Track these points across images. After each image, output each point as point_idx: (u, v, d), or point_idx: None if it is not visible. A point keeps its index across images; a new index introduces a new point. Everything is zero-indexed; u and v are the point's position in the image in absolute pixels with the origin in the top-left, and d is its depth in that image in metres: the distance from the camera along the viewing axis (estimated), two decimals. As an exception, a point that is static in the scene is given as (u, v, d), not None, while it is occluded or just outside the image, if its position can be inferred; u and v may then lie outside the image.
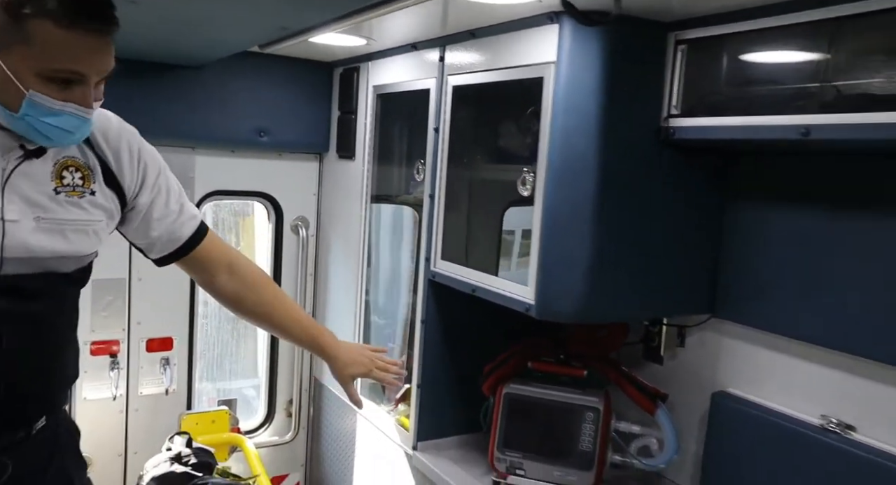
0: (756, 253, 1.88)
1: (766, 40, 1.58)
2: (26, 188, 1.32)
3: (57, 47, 1.19)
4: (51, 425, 1.48)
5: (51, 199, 1.35)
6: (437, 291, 2.31)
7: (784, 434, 1.79)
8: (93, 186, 1.43)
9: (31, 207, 1.33)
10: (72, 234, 1.39)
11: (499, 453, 2.11)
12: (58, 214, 1.36)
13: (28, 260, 1.34)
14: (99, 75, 1.27)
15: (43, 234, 1.34)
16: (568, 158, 1.71)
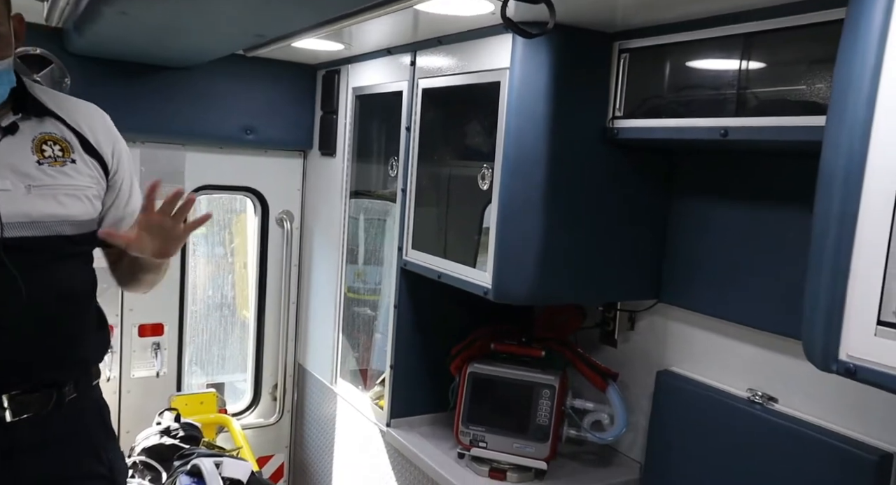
0: (694, 243, 2.07)
1: (695, 51, 1.76)
2: (11, 161, 1.45)
3: None
4: (80, 396, 1.57)
5: (37, 169, 1.47)
6: (408, 278, 2.48)
7: (717, 407, 1.97)
8: (73, 156, 1.54)
9: (21, 177, 1.45)
10: (64, 198, 1.51)
11: (463, 427, 2.29)
12: (45, 181, 1.48)
13: (28, 224, 1.45)
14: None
15: (37, 199, 1.46)
16: (520, 155, 1.89)
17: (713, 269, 2.01)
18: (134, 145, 3.03)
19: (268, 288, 3.46)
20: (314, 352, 3.39)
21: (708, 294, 2.03)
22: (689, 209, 2.08)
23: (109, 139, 1.64)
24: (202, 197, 3.31)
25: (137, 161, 3.04)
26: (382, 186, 2.78)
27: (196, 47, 2.43)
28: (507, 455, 2.21)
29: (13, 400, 1.44)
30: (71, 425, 1.55)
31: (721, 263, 1.99)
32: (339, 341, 3.09)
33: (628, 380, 2.29)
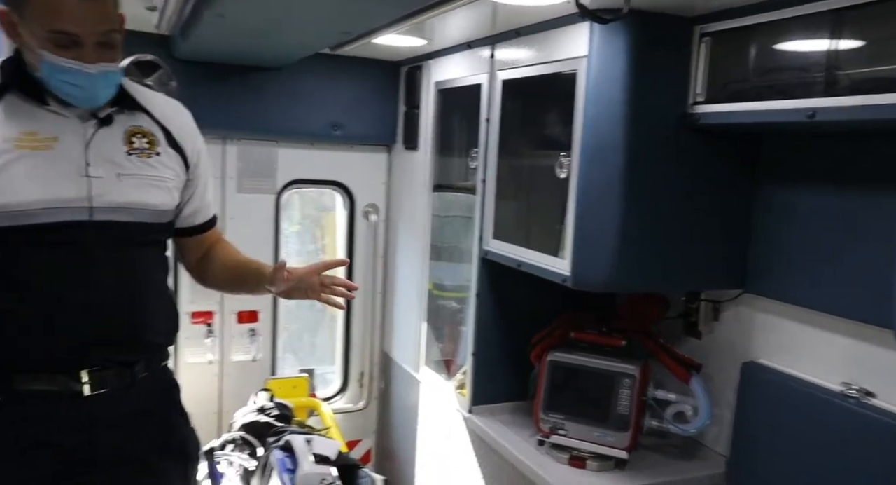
0: (781, 231, 2.00)
1: (781, 31, 1.71)
2: (105, 151, 1.55)
3: (48, 8, 1.39)
4: (151, 376, 1.65)
5: (126, 159, 1.58)
6: (489, 268, 2.53)
7: (808, 401, 1.90)
8: (158, 149, 1.64)
9: (112, 165, 1.55)
10: (148, 188, 1.61)
11: (543, 414, 2.31)
12: (133, 171, 1.58)
13: (116, 210, 1.55)
14: (94, 36, 1.43)
15: (125, 187, 1.57)
16: (597, 143, 1.89)
17: (802, 257, 1.94)
18: (231, 143, 3.24)
19: (355, 279, 3.59)
20: (399, 341, 3.49)
21: (797, 284, 1.96)
22: (776, 195, 2.01)
23: (191, 136, 1.72)
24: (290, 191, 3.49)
25: (234, 158, 3.24)
26: (464, 179, 2.83)
27: (286, 46, 2.58)
28: (586, 443, 2.22)
29: (92, 376, 1.53)
30: (142, 402, 1.63)
31: (811, 251, 1.91)
32: (424, 332, 3.17)
33: (712, 372, 2.24)
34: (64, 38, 1.41)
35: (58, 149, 1.50)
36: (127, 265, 1.59)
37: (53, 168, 1.50)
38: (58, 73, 1.44)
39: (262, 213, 3.33)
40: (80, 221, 1.51)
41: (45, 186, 1.48)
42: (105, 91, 1.52)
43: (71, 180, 1.51)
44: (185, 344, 3.23)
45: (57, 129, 1.51)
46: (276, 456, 2.16)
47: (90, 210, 1.53)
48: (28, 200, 1.46)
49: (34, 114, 1.50)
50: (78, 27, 1.42)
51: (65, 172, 1.51)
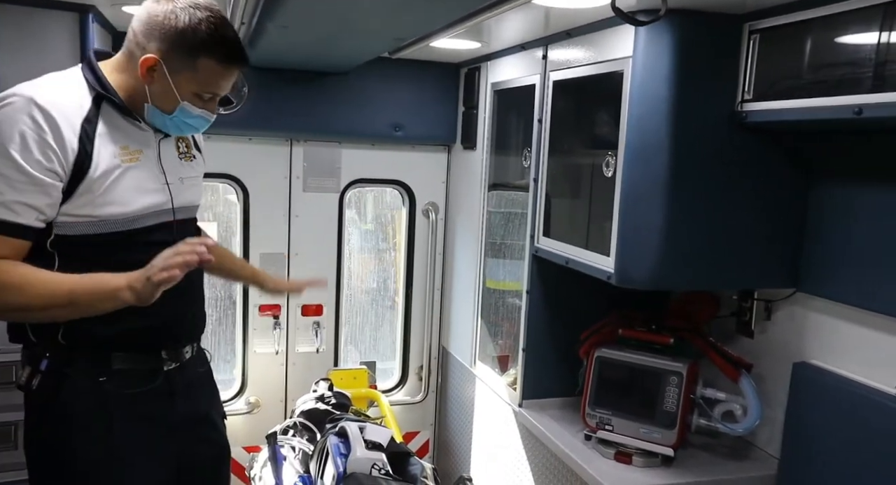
0: (836, 230, 1.96)
1: (831, 26, 1.69)
2: (169, 159, 1.80)
3: (213, 77, 1.68)
4: (200, 350, 1.96)
5: (180, 164, 1.84)
6: (540, 265, 2.57)
7: (861, 403, 1.86)
8: (193, 152, 1.91)
9: (176, 171, 1.81)
10: (194, 187, 1.89)
11: (590, 410, 2.34)
12: (187, 174, 1.85)
13: (184, 209, 1.83)
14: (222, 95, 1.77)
15: (187, 189, 1.84)
16: (643, 142, 1.92)
17: (858, 257, 1.90)
18: (297, 144, 3.41)
19: (414, 275, 3.71)
20: (456, 336, 3.58)
21: (851, 283, 1.92)
22: (830, 193, 1.98)
23: (202, 141, 2.00)
24: (356, 190, 3.63)
25: (300, 158, 3.41)
26: (519, 177, 2.89)
27: (344, 53, 2.70)
28: (633, 439, 2.23)
29: (169, 353, 1.80)
30: (199, 372, 1.94)
31: (867, 250, 1.87)
32: (479, 327, 3.24)
33: (764, 371, 2.22)
34: (209, 96, 1.71)
35: (143, 161, 1.71)
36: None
37: (146, 178, 1.71)
38: (188, 117, 1.71)
39: (326, 211, 3.49)
40: (168, 222, 1.77)
41: (145, 196, 1.70)
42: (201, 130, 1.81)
43: (158, 188, 1.75)
44: (253, 335, 3.43)
45: (140, 143, 1.72)
46: (332, 441, 2.27)
47: (173, 211, 1.79)
48: (135, 209, 1.67)
49: (124, 128, 1.69)
50: (223, 90, 1.73)
51: (153, 182, 1.74)
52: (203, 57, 1.63)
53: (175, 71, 1.64)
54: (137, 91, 1.69)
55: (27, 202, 1.53)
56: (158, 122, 1.72)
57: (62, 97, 1.60)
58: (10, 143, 1.51)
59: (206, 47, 1.63)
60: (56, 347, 1.66)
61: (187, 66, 1.64)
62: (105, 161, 1.62)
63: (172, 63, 1.64)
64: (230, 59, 1.67)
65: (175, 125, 1.73)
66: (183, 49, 1.63)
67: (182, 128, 1.75)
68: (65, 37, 2.40)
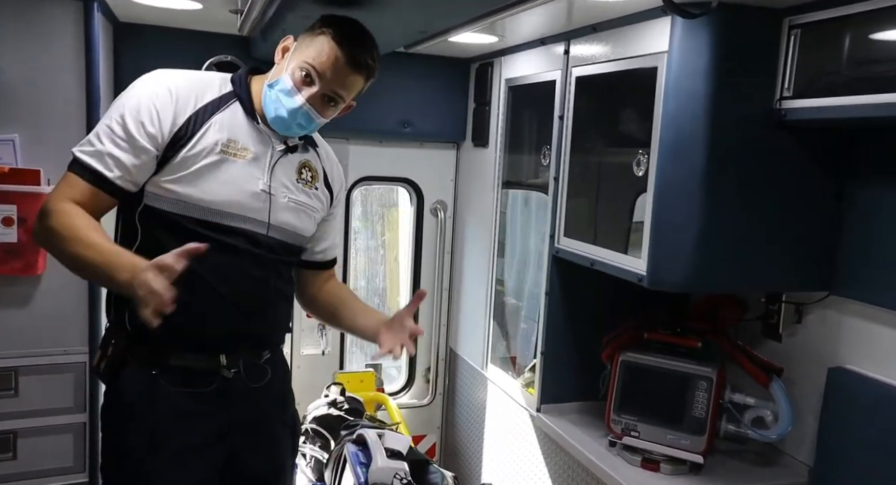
0: (874, 232, 1.91)
1: (876, 20, 1.63)
2: (282, 174, 1.75)
3: (319, 50, 1.64)
4: (273, 358, 1.87)
5: (294, 185, 1.79)
6: (560, 266, 2.51)
7: (900, 409, 1.81)
8: (317, 184, 1.86)
9: (284, 189, 1.76)
10: (302, 215, 1.82)
11: (615, 415, 2.28)
12: (298, 197, 1.80)
13: (281, 228, 1.76)
14: (329, 90, 1.67)
15: (290, 210, 1.78)
16: (678, 140, 1.85)
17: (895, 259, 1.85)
18: (305, 141, 3.31)
19: (422, 275, 3.63)
20: (465, 338, 3.51)
21: (889, 286, 1.87)
22: (868, 194, 1.93)
23: (339, 180, 1.97)
24: (358, 188, 3.54)
25: (308, 155, 3.31)
26: (534, 176, 2.82)
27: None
28: (660, 446, 2.17)
29: (229, 358, 1.73)
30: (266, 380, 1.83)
31: (909, 253, 1.82)
32: (490, 328, 3.17)
33: (794, 376, 2.16)
34: (307, 74, 1.65)
35: (250, 161, 1.70)
36: (274, 277, 1.78)
37: (244, 176, 1.69)
38: (282, 92, 1.66)
39: (332, 209, 3.39)
40: (259, 232, 1.72)
41: (235, 191, 1.67)
42: (298, 127, 1.71)
43: (255, 193, 1.70)
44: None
45: (253, 143, 1.71)
46: (350, 449, 2.20)
47: (268, 226, 1.74)
48: (218, 199, 1.65)
49: (243, 127, 1.71)
50: (323, 72, 1.64)
51: (251, 183, 1.70)
52: (323, 36, 1.64)
53: (298, 51, 1.67)
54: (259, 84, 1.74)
55: (118, 157, 1.58)
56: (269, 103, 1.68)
57: (192, 83, 1.68)
58: (128, 102, 1.62)
59: (329, 24, 1.65)
60: (123, 332, 1.69)
61: (306, 44, 1.66)
62: (206, 144, 1.64)
63: (301, 42, 1.68)
64: (345, 41, 1.63)
65: (272, 104, 1.68)
66: (314, 28, 1.67)
67: (274, 105, 1.67)
68: (68, 27, 2.29)
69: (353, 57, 1.65)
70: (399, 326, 1.83)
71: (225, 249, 1.66)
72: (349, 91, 1.71)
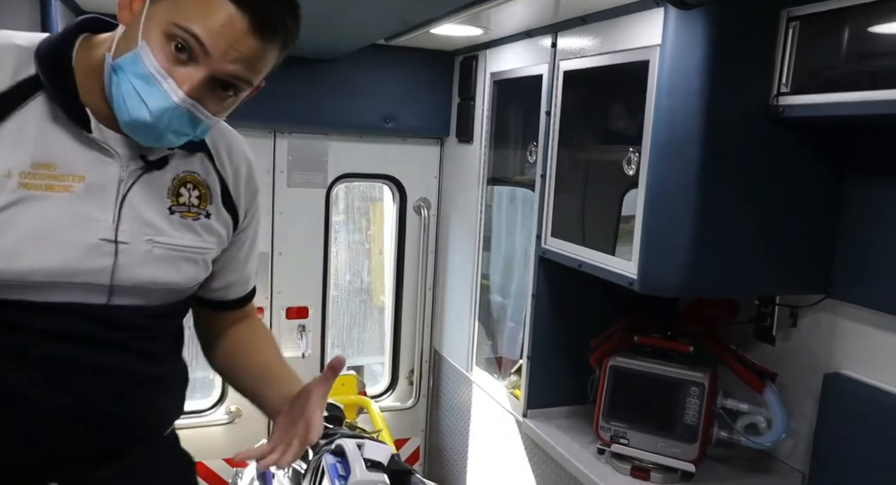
0: (873, 233, 1.84)
1: (878, 13, 1.55)
2: (141, 205, 1.13)
3: (209, 8, 1.00)
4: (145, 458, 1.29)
5: (165, 218, 1.16)
6: (547, 267, 2.42)
7: (898, 417, 1.75)
8: (209, 208, 1.22)
9: (144, 228, 1.13)
10: (183, 263, 1.19)
11: (604, 422, 2.20)
12: (171, 238, 1.16)
13: (135, 290, 1.15)
14: (224, 72, 1.04)
15: (153, 262, 1.14)
16: (671, 138, 1.77)
17: (894, 261, 1.78)
18: (282, 137, 3.19)
19: (405, 274, 3.53)
20: (450, 338, 3.42)
21: (888, 290, 1.80)
22: (866, 194, 1.86)
23: (251, 191, 1.33)
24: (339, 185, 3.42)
25: (284, 151, 3.20)
26: (520, 173, 2.73)
27: (345, 36, 2.51)
28: (650, 454, 2.10)
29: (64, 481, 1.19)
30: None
31: (905, 254, 1.76)
32: (475, 329, 3.08)
33: (788, 382, 2.10)
34: (181, 46, 1.01)
35: (81, 194, 1.07)
36: (133, 360, 1.20)
37: (70, 222, 1.07)
38: (135, 76, 1.01)
39: (311, 207, 3.28)
40: (93, 304, 1.11)
41: (54, 250, 1.06)
42: (174, 135, 1.09)
43: (92, 245, 1.09)
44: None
45: (87, 164, 1.08)
46: (328, 461, 2.09)
47: (109, 290, 1.12)
48: (25, 267, 1.04)
49: (61, 136, 1.06)
50: (215, 44, 1.01)
51: (85, 231, 1.08)
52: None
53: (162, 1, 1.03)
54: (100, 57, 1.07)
55: None
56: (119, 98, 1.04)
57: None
58: None
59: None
60: None
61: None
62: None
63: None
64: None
65: (124, 99, 1.03)
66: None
67: (127, 100, 1.03)
68: (23, 15, 2.15)
69: (262, 15, 1.02)
70: (298, 412, 1.23)
71: (42, 339, 1.09)
72: (256, 70, 1.07)
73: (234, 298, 1.42)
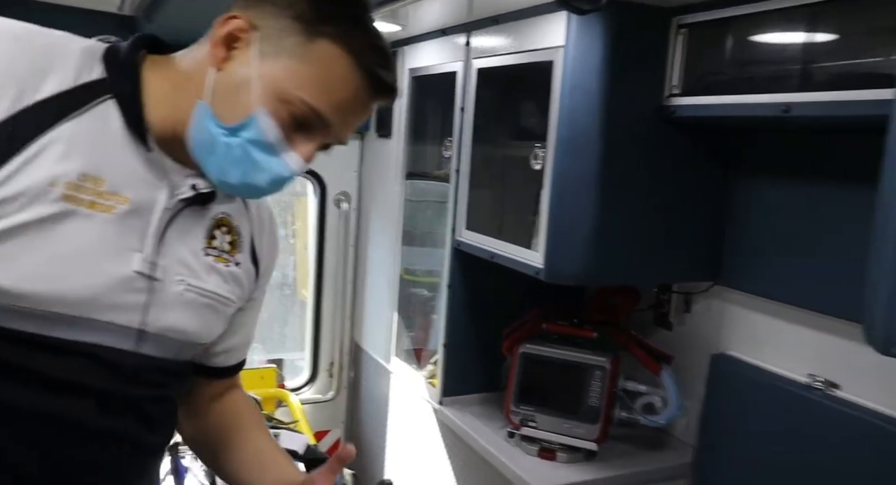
0: (754, 224, 2.01)
1: (758, 24, 1.70)
2: (179, 241, 1.01)
3: (328, 74, 0.94)
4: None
5: (198, 259, 1.04)
6: (462, 259, 2.50)
7: (774, 392, 1.92)
8: (238, 256, 1.10)
9: (178, 266, 1.01)
10: (207, 312, 1.06)
11: (514, 406, 2.30)
12: (202, 282, 1.04)
13: (161, 337, 1.01)
14: (341, 138, 1.02)
15: (182, 307, 1.02)
16: (573, 135, 1.87)
17: (774, 251, 1.96)
18: (199, 128, 3.14)
19: (325, 268, 3.55)
20: (370, 331, 3.46)
21: (768, 277, 1.98)
22: (750, 189, 2.02)
23: (273, 246, 1.21)
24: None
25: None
26: (437, 167, 2.80)
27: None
28: (557, 435, 2.21)
29: None
30: None
31: (782, 244, 1.93)
32: (395, 321, 3.14)
33: (683, 363, 2.26)
34: (308, 118, 0.95)
35: (122, 217, 0.93)
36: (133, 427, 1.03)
37: (107, 248, 0.93)
38: (255, 145, 0.94)
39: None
40: (118, 349, 0.96)
41: (85, 277, 0.91)
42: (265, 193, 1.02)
43: (126, 277, 0.95)
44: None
45: (135, 186, 0.95)
46: (243, 449, 2.11)
47: (139, 335, 0.98)
48: (46, 292, 0.88)
49: (116, 150, 0.93)
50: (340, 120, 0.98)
51: (120, 260, 0.94)
52: (328, 40, 0.94)
53: (271, 52, 0.94)
54: (183, 93, 0.97)
55: None
56: (200, 145, 0.96)
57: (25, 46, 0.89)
58: None
59: (340, 25, 0.94)
60: None
61: (294, 49, 0.94)
62: (32, 183, 0.86)
63: (270, 37, 0.94)
64: (374, 61, 0.96)
65: (235, 164, 0.95)
66: (298, 22, 0.94)
67: (249, 176, 0.96)
68: None
69: (383, 83, 0.98)
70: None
71: (42, 387, 0.91)
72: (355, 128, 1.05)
73: (233, 364, 1.27)
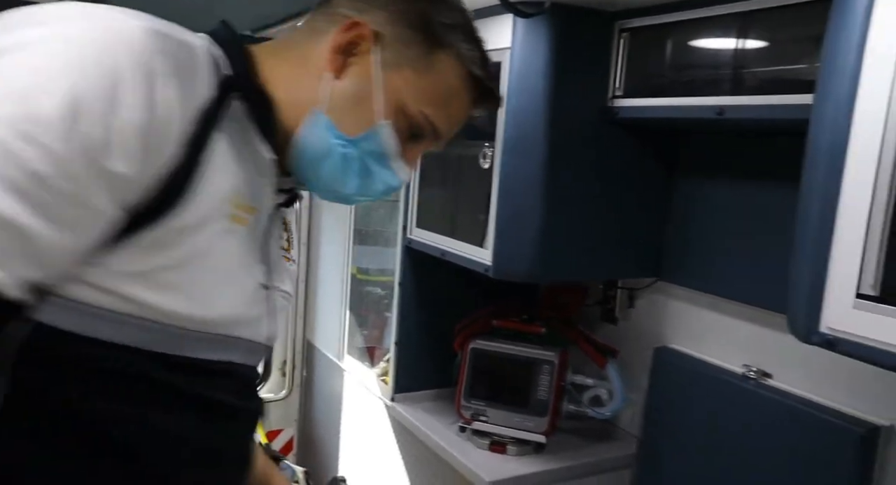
0: (693, 222, 2.09)
1: (693, 29, 1.77)
2: (273, 244, 0.99)
3: (452, 95, 0.97)
4: None
5: (280, 262, 1.02)
6: (413, 256, 2.52)
7: (712, 383, 2.00)
8: (292, 253, 1.10)
9: (276, 273, 0.98)
10: (283, 315, 1.03)
11: (465, 401, 2.34)
12: (285, 285, 1.02)
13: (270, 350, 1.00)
14: (437, 147, 1.05)
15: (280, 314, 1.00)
16: (520, 134, 1.92)
17: (711, 247, 2.04)
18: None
19: (277, 266, 3.52)
20: (322, 329, 3.45)
21: (705, 272, 2.06)
22: (689, 188, 2.10)
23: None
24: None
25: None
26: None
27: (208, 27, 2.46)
28: (507, 429, 2.26)
29: None
30: None
31: (718, 241, 2.02)
32: (346, 319, 3.14)
33: (628, 357, 2.33)
34: (422, 127, 0.97)
35: (250, 228, 0.89)
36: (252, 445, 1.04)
37: (243, 262, 0.89)
38: (373, 157, 0.94)
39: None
40: (254, 365, 0.95)
41: (232, 295, 0.87)
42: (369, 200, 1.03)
43: (254, 289, 0.92)
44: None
45: (258, 193, 0.90)
46: (193, 450, 2.09)
47: (262, 350, 0.97)
48: (214, 315, 0.84)
49: (247, 156, 0.87)
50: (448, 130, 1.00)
51: (251, 273, 0.91)
52: (447, 51, 0.95)
53: (392, 63, 0.93)
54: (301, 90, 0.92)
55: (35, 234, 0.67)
56: (312, 153, 0.92)
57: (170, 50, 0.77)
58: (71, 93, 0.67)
59: (460, 39, 0.97)
60: None
61: (416, 60, 0.94)
62: (213, 202, 0.80)
63: (391, 46, 0.94)
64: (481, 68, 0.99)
65: (344, 172, 0.94)
66: (422, 28, 0.94)
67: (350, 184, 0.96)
68: None
69: (492, 93, 1.04)
70: None
71: (192, 405, 0.85)
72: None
73: None
